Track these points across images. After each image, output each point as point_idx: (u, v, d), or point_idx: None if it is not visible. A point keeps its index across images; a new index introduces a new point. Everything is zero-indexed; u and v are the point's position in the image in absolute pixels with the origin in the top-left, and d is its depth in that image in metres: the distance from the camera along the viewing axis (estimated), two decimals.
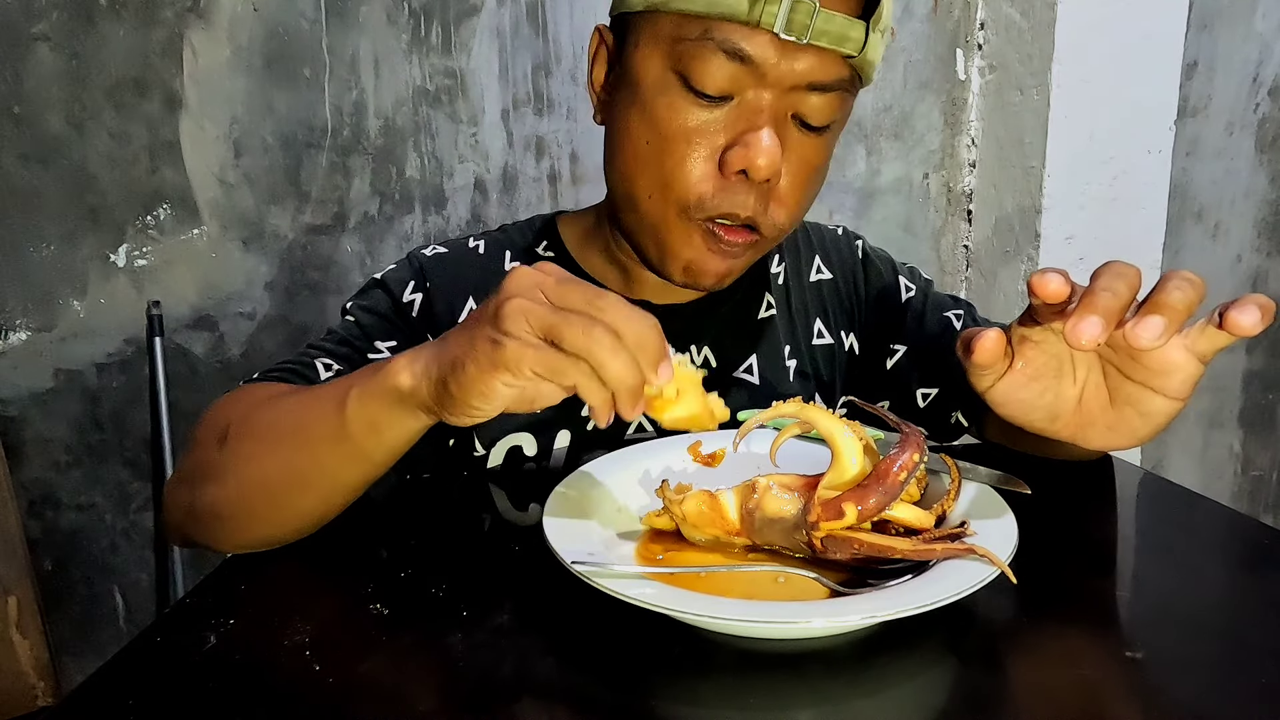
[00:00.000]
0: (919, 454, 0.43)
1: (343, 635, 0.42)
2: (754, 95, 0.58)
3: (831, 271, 0.79)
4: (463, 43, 1.53)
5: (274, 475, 0.52)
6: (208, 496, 0.55)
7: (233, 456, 0.54)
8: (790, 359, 0.76)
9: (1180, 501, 0.60)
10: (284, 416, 0.54)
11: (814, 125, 0.60)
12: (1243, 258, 1.94)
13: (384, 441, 0.50)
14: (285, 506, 0.53)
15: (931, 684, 0.38)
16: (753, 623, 0.38)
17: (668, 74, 0.58)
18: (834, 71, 0.58)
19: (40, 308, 1.49)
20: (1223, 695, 0.36)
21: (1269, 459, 2.06)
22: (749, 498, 0.46)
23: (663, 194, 0.61)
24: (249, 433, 0.55)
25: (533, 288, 0.42)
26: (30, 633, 1.48)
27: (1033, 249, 1.62)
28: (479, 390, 0.42)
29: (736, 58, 0.56)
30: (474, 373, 0.42)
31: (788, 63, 0.56)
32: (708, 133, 0.59)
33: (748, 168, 0.57)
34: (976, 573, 0.39)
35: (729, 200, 0.59)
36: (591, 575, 0.40)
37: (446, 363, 0.44)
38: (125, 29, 1.43)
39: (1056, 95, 1.54)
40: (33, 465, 1.54)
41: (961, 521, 0.45)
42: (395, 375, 0.47)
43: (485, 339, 0.41)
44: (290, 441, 0.53)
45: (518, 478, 0.68)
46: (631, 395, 0.40)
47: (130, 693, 0.38)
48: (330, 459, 0.51)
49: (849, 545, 0.42)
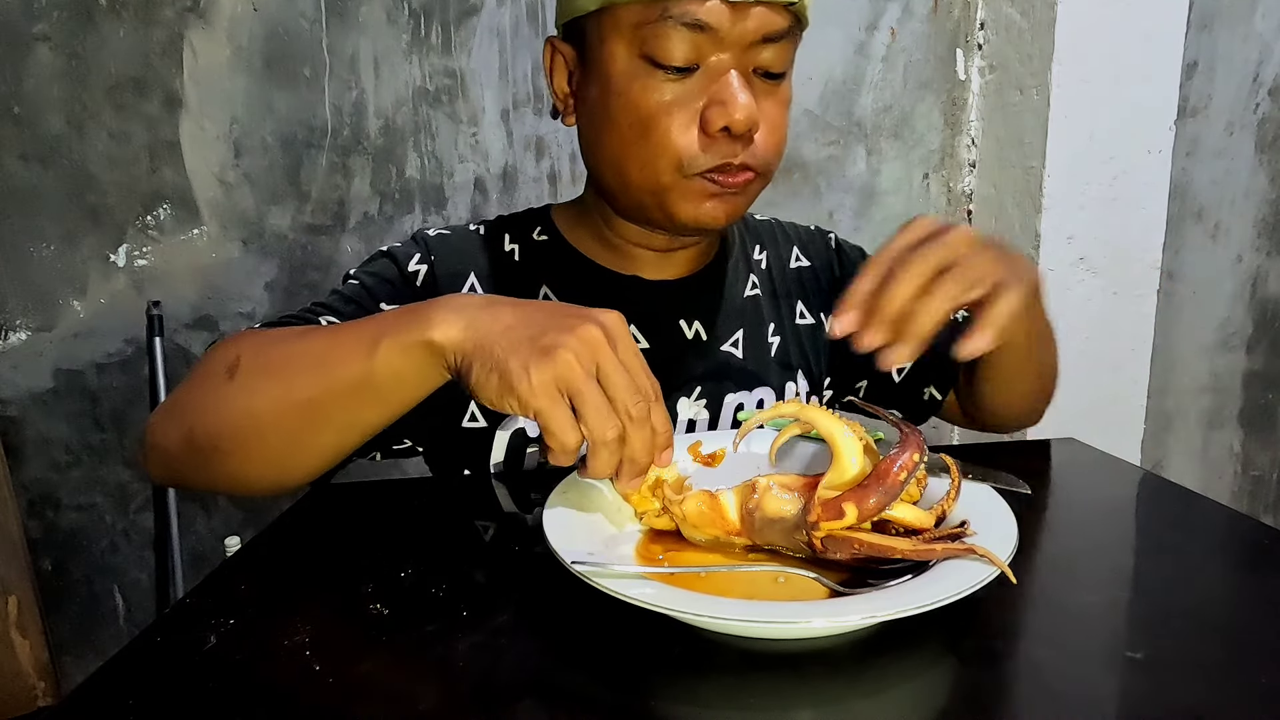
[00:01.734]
0: (919, 454, 0.43)
1: (343, 635, 0.42)
2: (717, 59, 0.62)
3: (810, 260, 0.87)
4: (463, 43, 1.53)
5: (290, 409, 0.53)
6: (210, 428, 0.55)
7: (244, 389, 0.55)
8: (774, 336, 0.81)
9: (1180, 501, 0.60)
10: (305, 352, 0.55)
11: (775, 73, 0.65)
12: (1243, 258, 1.94)
13: (406, 388, 0.52)
14: (296, 442, 0.54)
15: (931, 684, 0.38)
16: (752, 623, 0.38)
17: (635, 60, 0.63)
18: (781, 22, 0.63)
19: (40, 308, 1.49)
20: (1223, 695, 0.36)
21: (1269, 459, 2.06)
22: (749, 498, 0.46)
23: (654, 164, 0.65)
24: (264, 366, 0.55)
25: (595, 346, 0.46)
26: (30, 633, 1.48)
27: (1033, 249, 1.62)
28: (487, 396, 0.47)
29: (696, 28, 0.61)
30: (493, 383, 0.46)
31: (741, 23, 0.61)
32: (683, 102, 0.63)
33: (728, 124, 0.62)
34: (976, 573, 0.39)
35: (718, 153, 0.64)
36: (591, 575, 0.40)
37: (477, 347, 0.48)
38: (125, 29, 1.43)
39: (1056, 95, 1.54)
40: (33, 465, 1.54)
41: (961, 521, 0.45)
42: (430, 329, 0.50)
43: (519, 359, 0.46)
44: (311, 376, 0.53)
45: (518, 478, 0.68)
46: (603, 474, 0.47)
47: (130, 693, 0.38)
48: (351, 399, 0.53)
49: (849, 545, 0.42)
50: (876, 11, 1.69)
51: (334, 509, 0.63)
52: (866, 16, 1.69)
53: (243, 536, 1.61)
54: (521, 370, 0.45)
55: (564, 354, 0.45)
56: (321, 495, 0.65)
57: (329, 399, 0.53)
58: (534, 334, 0.47)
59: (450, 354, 0.50)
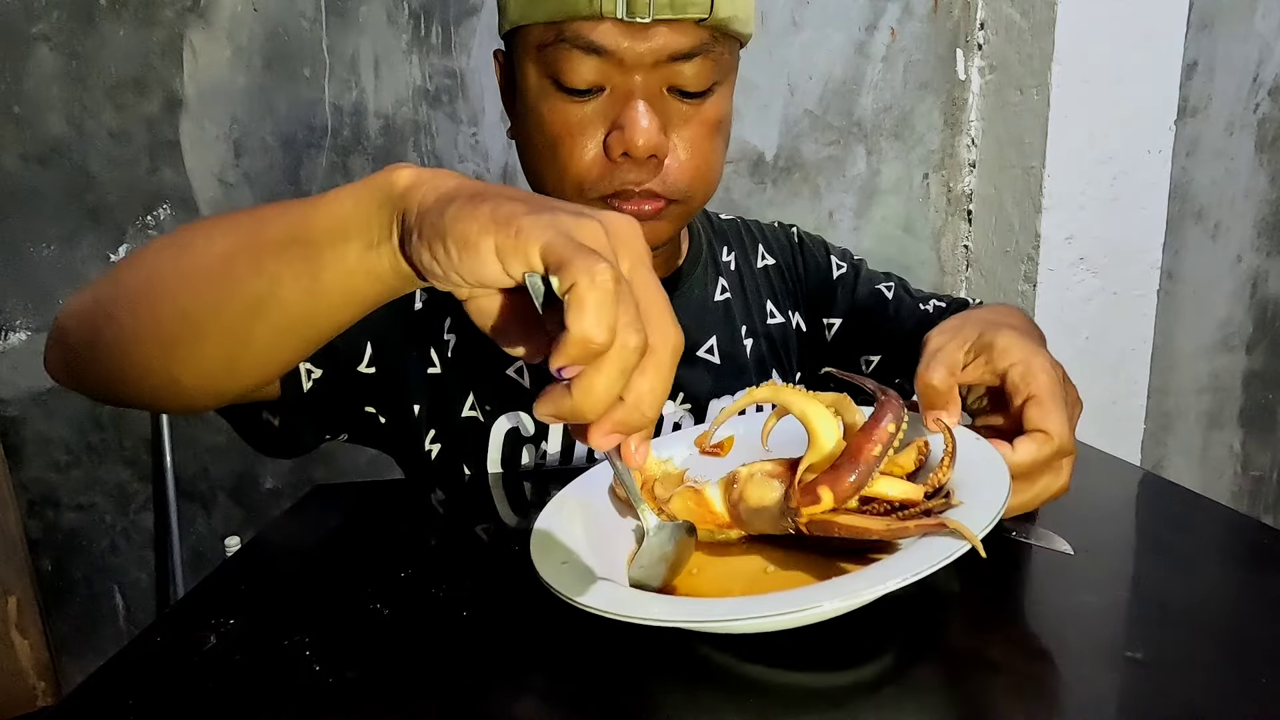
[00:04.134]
0: (894, 424, 0.40)
1: (343, 635, 0.42)
2: (621, 81, 0.59)
3: (774, 258, 0.85)
4: (463, 43, 1.53)
5: (206, 265, 0.44)
6: (127, 315, 0.46)
7: (167, 247, 0.46)
8: (747, 338, 0.80)
9: (1180, 501, 0.60)
10: (245, 214, 0.45)
11: (693, 92, 0.61)
12: (1243, 258, 1.94)
13: (346, 247, 0.40)
14: (201, 309, 0.44)
15: (931, 684, 0.38)
16: (746, 620, 0.38)
17: (542, 80, 0.61)
18: (690, 39, 0.58)
19: (40, 308, 1.49)
20: (1223, 695, 0.36)
21: (1269, 459, 2.06)
22: (731, 489, 0.45)
23: (560, 186, 0.63)
24: (195, 228, 0.46)
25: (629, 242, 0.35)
26: (30, 633, 1.48)
27: (1033, 249, 1.62)
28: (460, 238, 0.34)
29: (592, 51, 0.58)
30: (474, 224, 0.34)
31: (640, 43, 0.58)
32: (588, 125, 0.61)
33: (627, 149, 0.59)
34: (948, 547, 0.36)
35: (619, 178, 0.61)
36: (584, 606, 0.38)
37: (446, 198, 0.36)
38: (125, 29, 1.43)
39: (1056, 95, 1.54)
40: (33, 465, 1.54)
41: (946, 492, 0.42)
42: (392, 172, 0.39)
43: (516, 211, 0.34)
44: (241, 229, 0.44)
45: (517, 478, 0.68)
46: (593, 405, 0.32)
47: (130, 693, 0.38)
48: (277, 254, 0.41)
49: (830, 528, 0.40)
50: (876, 11, 1.69)
51: (334, 509, 0.63)
52: (866, 16, 1.69)
53: (243, 536, 1.61)
54: (523, 214, 0.33)
55: (587, 222, 0.34)
56: (321, 495, 0.65)
57: (247, 252, 0.42)
58: (550, 205, 0.35)
59: (406, 193, 0.38)
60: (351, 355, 0.66)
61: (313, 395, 0.64)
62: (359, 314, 0.43)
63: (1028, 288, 1.65)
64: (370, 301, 0.42)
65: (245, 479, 1.61)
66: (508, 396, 0.71)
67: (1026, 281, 1.65)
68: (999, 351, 0.49)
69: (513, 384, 0.71)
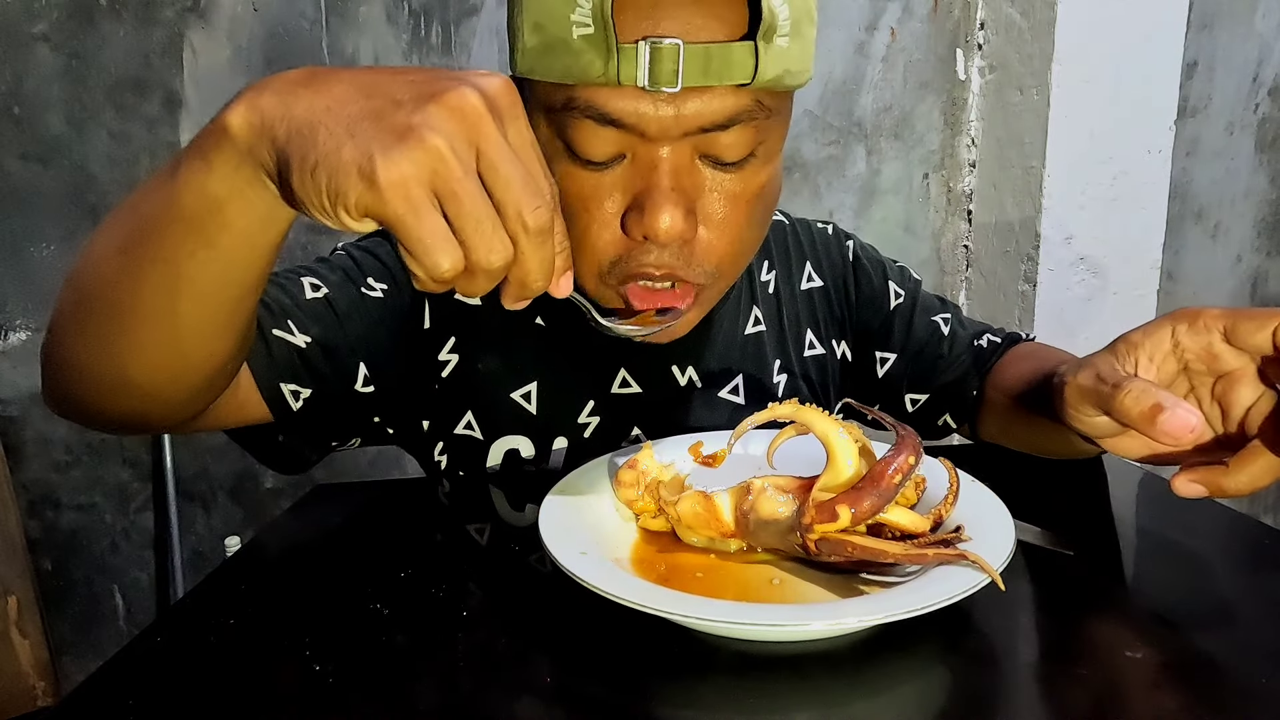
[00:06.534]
0: (914, 457, 0.42)
1: (343, 635, 0.42)
2: (645, 150, 0.50)
3: (822, 279, 0.77)
4: (463, 43, 1.53)
5: (118, 264, 0.42)
6: (71, 328, 0.46)
7: (91, 270, 0.44)
8: (780, 374, 0.73)
9: (1180, 502, 0.60)
10: (122, 219, 0.43)
11: (729, 161, 0.52)
12: (1243, 258, 1.94)
13: (223, 212, 0.38)
14: (138, 306, 0.43)
15: (931, 684, 0.38)
16: (752, 625, 0.38)
17: (554, 140, 0.52)
18: (729, 107, 0.49)
19: (40, 308, 1.49)
20: (1223, 695, 0.36)
21: None
22: (744, 499, 0.46)
23: (578, 260, 0.55)
24: (93, 244, 0.45)
25: (474, 123, 0.33)
26: (30, 633, 1.48)
27: (1033, 249, 1.62)
28: (314, 204, 0.34)
29: (608, 123, 0.49)
30: (319, 184, 0.33)
31: (668, 113, 0.48)
32: (604, 198, 0.52)
33: (648, 234, 0.51)
34: (971, 577, 0.39)
35: (641, 260, 0.53)
36: (590, 584, 0.40)
37: (293, 131, 0.34)
38: (125, 29, 1.43)
39: (1056, 95, 1.54)
40: (33, 465, 1.54)
41: (956, 526, 0.44)
42: (224, 114, 0.36)
43: (359, 145, 0.33)
44: (126, 221, 0.43)
45: (517, 478, 0.68)
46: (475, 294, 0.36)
47: (130, 693, 0.38)
48: (166, 239, 0.40)
49: (843, 548, 0.42)
50: (876, 11, 1.69)
51: (334, 509, 0.63)
52: (866, 16, 1.69)
53: (243, 536, 1.61)
54: (362, 160, 0.32)
55: (430, 136, 0.32)
56: (321, 495, 0.65)
57: (138, 243, 0.41)
58: (380, 107, 0.33)
59: (253, 145, 0.35)
60: (344, 377, 0.62)
61: (305, 414, 0.61)
62: (275, 252, 0.43)
63: (1028, 288, 1.65)
64: (280, 235, 0.41)
65: (245, 479, 1.62)
66: (510, 420, 0.68)
67: (1026, 281, 1.65)
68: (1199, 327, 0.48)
69: (517, 407, 0.68)
